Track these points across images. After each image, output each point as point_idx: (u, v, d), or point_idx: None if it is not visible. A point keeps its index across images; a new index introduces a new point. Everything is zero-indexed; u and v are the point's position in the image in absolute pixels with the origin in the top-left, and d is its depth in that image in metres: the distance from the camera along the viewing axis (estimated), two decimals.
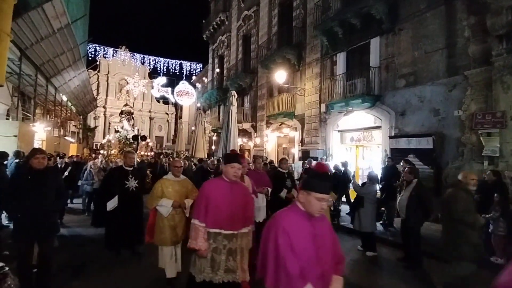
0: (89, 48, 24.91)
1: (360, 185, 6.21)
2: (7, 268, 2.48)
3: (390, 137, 9.02)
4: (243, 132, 17.55)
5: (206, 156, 15.12)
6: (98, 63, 34.93)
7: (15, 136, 7.96)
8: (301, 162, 10.97)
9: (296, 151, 13.84)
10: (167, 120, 42.99)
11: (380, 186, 7.35)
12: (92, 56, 26.58)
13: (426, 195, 4.92)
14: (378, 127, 9.80)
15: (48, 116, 13.90)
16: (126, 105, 18.21)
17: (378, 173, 7.25)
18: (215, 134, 22.03)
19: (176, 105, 38.32)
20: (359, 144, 11.04)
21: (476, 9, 7.28)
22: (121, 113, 17.45)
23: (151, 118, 41.42)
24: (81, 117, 24.00)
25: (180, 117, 38.65)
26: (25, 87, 10.82)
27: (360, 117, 10.36)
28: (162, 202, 3.61)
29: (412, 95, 8.64)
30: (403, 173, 5.57)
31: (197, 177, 6.95)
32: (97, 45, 26.40)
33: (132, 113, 17.91)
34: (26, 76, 9.93)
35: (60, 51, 10.49)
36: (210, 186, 2.75)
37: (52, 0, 7.75)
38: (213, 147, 22.05)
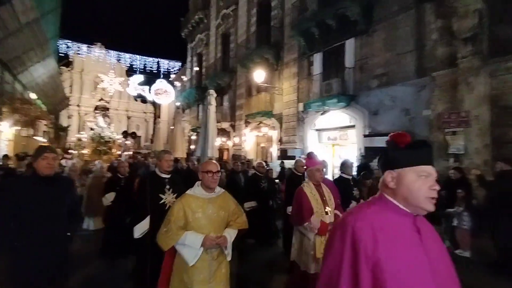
0: (61, 44, 23.88)
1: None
2: None
3: (364, 136, 9.29)
4: (222, 132, 17.48)
5: (185, 156, 14.94)
6: (71, 60, 33.56)
7: None
8: (279, 161, 11.06)
9: (274, 150, 13.94)
10: (145, 119, 42.01)
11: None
12: (65, 52, 25.49)
13: None
14: (353, 126, 10.06)
15: (15, 115, 13.18)
16: (101, 99, 16.75)
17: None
18: (194, 133, 21.80)
19: (154, 104, 37.51)
20: (335, 143, 11.29)
21: (443, 13, 7.62)
22: (96, 108, 16.01)
23: (128, 117, 40.32)
24: (52, 116, 22.96)
25: (159, 116, 37.87)
26: None
27: (336, 116, 10.60)
28: (185, 239, 2.11)
29: (384, 95, 8.93)
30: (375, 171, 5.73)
31: None
32: (70, 41, 25.35)
33: (108, 109, 16.47)
34: None
35: (29, 46, 9.99)
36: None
37: None
38: (192, 147, 21.80)
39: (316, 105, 10.91)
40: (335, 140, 11.18)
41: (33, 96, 14.84)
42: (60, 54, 22.98)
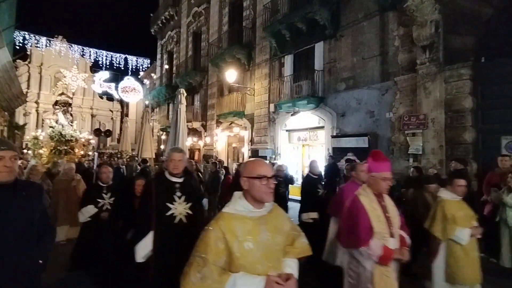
0: (17, 36, 22.16)
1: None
2: None
3: (332, 136, 9.60)
4: (193, 132, 17.22)
5: (154, 156, 14.48)
6: (28, 53, 31.29)
7: None
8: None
9: (246, 150, 13.98)
10: (112, 118, 40.18)
11: (323, 183, 7.78)
12: (21, 44, 23.66)
13: None
14: (322, 127, 10.37)
15: None
16: (62, 94, 15.20)
17: (322, 170, 7.64)
18: (164, 133, 21.24)
19: (121, 102, 36.01)
20: (305, 143, 11.56)
21: (404, 21, 8.09)
22: (56, 103, 14.32)
23: (92, 116, 38.34)
24: (6, 113, 21.25)
25: (126, 115, 36.41)
26: None
27: (306, 117, 10.85)
28: None
29: (351, 97, 9.30)
30: (344, 170, 5.88)
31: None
32: (27, 33, 23.56)
33: (70, 104, 15.00)
34: None
35: None
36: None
37: None
38: (162, 147, 21.22)
39: (287, 106, 11.09)
40: (305, 140, 11.45)
41: None
42: (16, 47, 21.33)
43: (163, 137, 21.50)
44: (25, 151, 15.38)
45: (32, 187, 1.88)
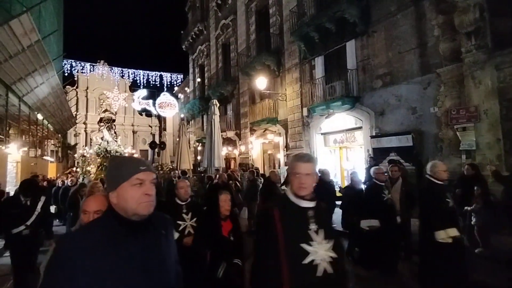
0: (65, 64, 24.34)
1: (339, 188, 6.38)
2: None
3: (371, 137, 9.15)
4: (227, 141, 17.45)
5: (192, 167, 14.87)
6: (76, 78, 34.15)
7: None
8: (287, 167, 10.94)
9: (281, 156, 13.84)
10: (151, 133, 42.32)
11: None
12: (69, 72, 25.95)
13: (413, 190, 5.02)
14: (359, 128, 9.94)
15: (23, 136, 13.36)
16: (105, 111, 16.16)
17: (362, 173, 7.28)
18: (200, 144, 21.81)
19: (159, 117, 37.80)
20: (342, 145, 11.16)
21: (443, 8, 7.54)
22: (100, 121, 15.01)
23: (134, 132, 40.71)
24: (59, 135, 23.30)
25: (164, 129, 38.17)
26: None
27: (341, 119, 10.49)
28: None
29: (389, 94, 8.82)
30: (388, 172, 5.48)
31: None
32: (73, 61, 25.82)
33: (114, 120, 15.78)
34: None
35: (32, 68, 10.15)
36: None
37: (19, 16, 7.53)
38: (198, 158, 21.80)
39: (320, 109, 10.82)
40: (342, 142, 11.04)
41: (39, 116, 15.06)
42: (65, 74, 23.41)
43: (199, 148, 22.08)
44: (74, 168, 16.58)
45: (164, 220, 1.31)
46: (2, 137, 10.94)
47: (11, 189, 8.86)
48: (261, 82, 12.81)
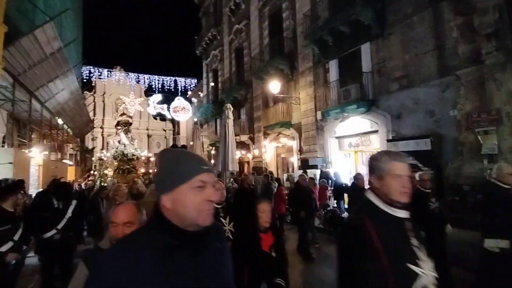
0: (84, 70, 25.11)
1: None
2: None
3: (388, 140, 9.00)
4: (241, 145, 17.52)
5: None
6: (93, 84, 35.17)
7: (10, 163, 7.88)
8: (301, 171, 10.88)
9: (295, 160, 13.78)
10: (165, 137, 43.05)
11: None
12: (87, 78, 26.76)
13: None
14: (375, 131, 9.79)
15: (44, 140, 13.83)
16: (123, 114, 15.77)
17: None
18: (213, 148, 21.98)
19: (173, 121, 38.40)
20: (357, 149, 11.02)
21: (462, 9, 7.38)
22: (118, 124, 14.81)
23: (149, 136, 41.49)
24: (78, 139, 24.00)
25: (178, 133, 38.73)
26: (19, 113, 10.81)
27: (357, 122, 10.37)
28: None
29: (406, 97, 8.67)
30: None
31: None
32: (91, 67, 26.62)
33: (131, 123, 15.91)
34: (20, 102, 9.93)
35: (54, 75, 10.53)
36: None
37: (43, 26, 7.84)
38: (212, 161, 21.96)
39: (335, 112, 10.74)
40: (357, 146, 10.90)
41: (60, 121, 15.57)
42: (83, 80, 24.15)
43: (213, 152, 22.25)
44: (92, 172, 16.93)
45: (219, 231, 1.12)
46: (26, 141, 11.36)
47: (33, 191, 9.16)
48: (274, 86, 12.84)
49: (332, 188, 9.59)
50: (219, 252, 0.99)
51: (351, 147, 11.22)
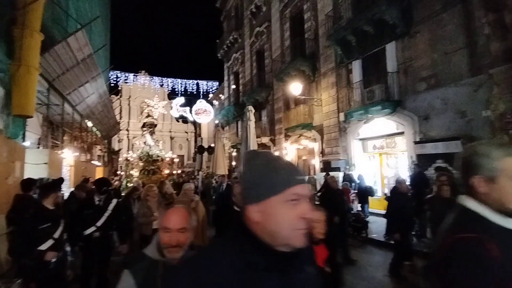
0: (111, 75, 26.15)
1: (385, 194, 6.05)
2: None
3: (415, 142, 8.69)
4: (262, 146, 17.55)
5: (227, 173, 15.09)
6: (120, 88, 36.52)
7: (45, 163, 8.34)
8: (323, 173, 10.73)
9: (316, 162, 13.61)
10: (187, 139, 43.89)
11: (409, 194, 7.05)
12: (115, 82, 27.85)
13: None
14: (401, 133, 9.49)
15: (75, 142, 14.51)
16: (148, 116, 15.63)
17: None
18: (235, 150, 22.17)
19: (195, 123, 39.12)
20: (382, 151, 10.72)
21: (494, 6, 7.03)
22: (143, 126, 14.96)
23: (171, 138, 42.47)
24: (105, 141, 24.99)
25: (199, 135, 39.36)
26: (53, 116, 11.42)
27: (381, 124, 10.10)
28: None
29: (434, 98, 8.34)
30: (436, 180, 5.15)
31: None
32: (118, 72, 27.69)
33: (156, 125, 16.13)
34: (54, 106, 10.50)
35: (84, 80, 11.04)
36: None
37: (75, 33, 8.26)
38: (233, 163, 22.16)
39: (358, 114, 10.52)
40: (382, 148, 10.61)
41: (89, 124, 16.30)
42: (111, 84, 25.15)
43: (234, 153, 22.44)
44: (118, 172, 17.48)
45: (309, 252, 0.96)
46: (59, 142, 11.98)
47: (65, 191, 9.63)
48: (295, 87, 12.77)
49: (356, 191, 9.38)
50: (310, 278, 0.86)
51: (375, 149, 10.94)
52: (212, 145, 10.72)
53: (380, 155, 10.88)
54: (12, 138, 6.69)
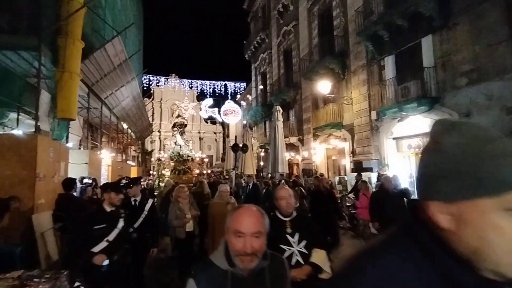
0: (144, 78, 27.28)
1: None
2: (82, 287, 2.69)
3: None
4: (290, 146, 17.41)
5: (255, 173, 15.14)
6: (152, 91, 38.02)
7: (86, 163, 8.88)
8: (355, 174, 10.42)
9: (347, 162, 13.25)
10: (216, 139, 44.71)
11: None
12: (147, 86, 29.04)
13: None
14: None
15: (112, 143, 15.30)
16: (178, 116, 15.87)
17: None
18: (263, 150, 22.20)
19: (223, 124, 39.75)
20: (418, 151, 10.17)
21: None
22: (174, 126, 15.17)
23: (200, 139, 43.48)
24: (139, 142, 26.13)
25: (228, 136, 39.92)
26: (93, 119, 12.13)
27: (417, 122, 9.59)
28: None
29: (477, 93, 7.79)
30: None
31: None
32: (150, 76, 28.83)
33: (186, 125, 16.11)
34: (94, 109, 11.14)
35: (120, 84, 11.61)
36: None
37: (112, 40, 8.71)
38: (261, 163, 22.20)
39: (391, 112, 10.09)
40: (418, 148, 10.07)
41: (125, 126, 17.12)
42: (143, 88, 26.27)
43: (262, 154, 22.47)
44: (151, 172, 18.15)
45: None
46: (97, 144, 12.71)
47: None
48: (324, 86, 12.51)
49: None
50: None
51: (410, 149, 10.42)
52: (247, 143, 10.60)
53: (416, 155, 10.34)
54: (57, 140, 7.19)
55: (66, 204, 4.64)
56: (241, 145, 9.13)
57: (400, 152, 10.80)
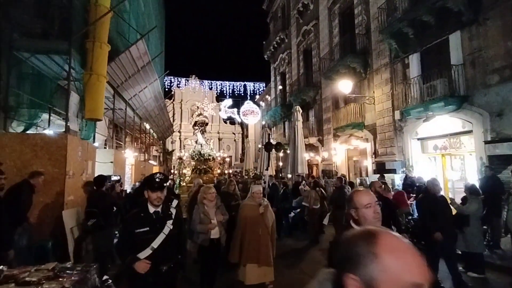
0: (165, 80, 27.89)
1: (461, 201, 5.52)
2: (110, 281, 2.80)
3: (486, 142, 7.76)
4: (309, 147, 17.23)
5: (274, 173, 15.08)
6: (173, 92, 38.85)
7: (111, 162, 9.20)
8: (377, 175, 10.15)
9: (369, 163, 12.94)
10: (234, 140, 45.03)
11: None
12: (168, 87, 29.66)
13: None
14: (469, 132, 8.55)
15: (135, 143, 15.77)
16: (199, 115, 15.70)
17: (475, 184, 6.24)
18: (282, 150, 22.09)
19: (242, 124, 39.97)
20: (445, 152, 9.78)
21: None
22: (195, 124, 15.00)
23: (219, 139, 43.94)
24: (161, 142, 26.74)
25: (247, 136, 40.07)
26: (117, 119, 12.54)
27: (444, 122, 9.22)
28: None
29: (510, 91, 7.37)
30: None
31: None
32: (171, 77, 29.43)
33: (207, 124, 15.79)
34: (118, 110, 11.52)
35: (144, 85, 11.94)
36: None
37: (136, 43, 8.97)
38: (280, 164, 22.13)
39: (416, 111, 9.74)
40: (445, 149, 9.68)
41: (147, 126, 17.58)
42: (165, 89, 26.85)
43: (281, 154, 22.37)
44: (172, 171, 18.48)
45: None
46: (122, 143, 13.13)
47: (127, 187, 10.51)
48: (345, 85, 12.26)
49: (414, 195, 8.68)
50: None
51: (436, 150, 10.02)
52: (257, 146, 10.53)
53: (443, 156, 9.94)
54: (85, 139, 7.49)
55: (98, 201, 4.83)
56: (274, 143, 8.56)
57: (426, 153, 10.41)
